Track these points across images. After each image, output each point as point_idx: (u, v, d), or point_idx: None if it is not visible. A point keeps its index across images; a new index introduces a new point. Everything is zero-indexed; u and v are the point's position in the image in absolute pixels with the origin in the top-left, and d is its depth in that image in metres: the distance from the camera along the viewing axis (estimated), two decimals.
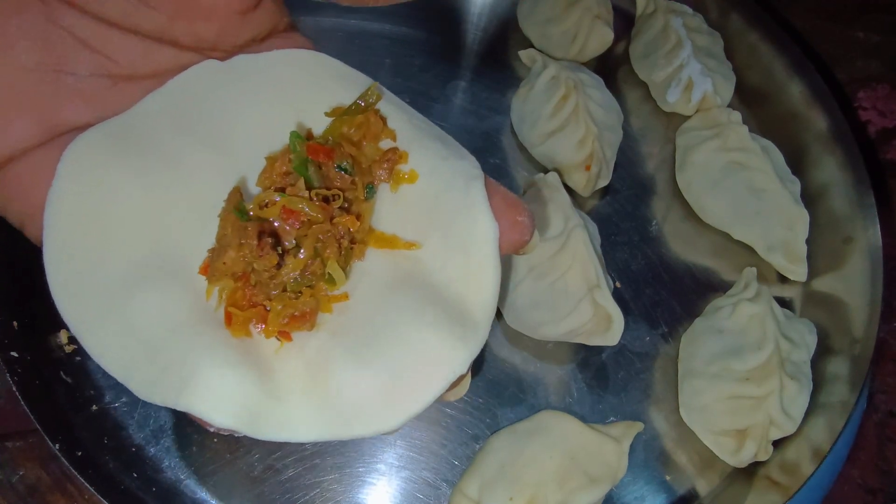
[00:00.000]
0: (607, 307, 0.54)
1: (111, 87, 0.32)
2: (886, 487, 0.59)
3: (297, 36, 0.37)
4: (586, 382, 0.57)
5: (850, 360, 0.55)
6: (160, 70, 0.33)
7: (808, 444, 0.53)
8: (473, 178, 0.32)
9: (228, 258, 0.29)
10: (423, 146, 0.34)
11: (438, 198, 0.32)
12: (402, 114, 0.35)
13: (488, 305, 0.31)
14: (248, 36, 0.34)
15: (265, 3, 0.34)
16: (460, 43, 0.73)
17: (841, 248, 0.61)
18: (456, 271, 0.31)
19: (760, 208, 0.63)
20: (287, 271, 0.30)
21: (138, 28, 0.32)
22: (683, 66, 0.68)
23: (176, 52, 0.33)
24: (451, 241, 0.31)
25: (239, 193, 0.32)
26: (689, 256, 0.64)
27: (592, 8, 0.70)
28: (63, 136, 0.32)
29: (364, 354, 0.29)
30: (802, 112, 0.67)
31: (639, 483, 0.54)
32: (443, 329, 0.29)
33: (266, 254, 0.29)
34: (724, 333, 0.57)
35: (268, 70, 0.34)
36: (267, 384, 0.29)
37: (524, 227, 0.33)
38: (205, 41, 0.33)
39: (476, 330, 0.30)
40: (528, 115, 0.66)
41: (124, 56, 0.32)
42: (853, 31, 0.82)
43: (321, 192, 0.31)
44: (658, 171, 0.68)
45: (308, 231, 0.30)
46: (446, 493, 0.52)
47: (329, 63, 0.36)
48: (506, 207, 0.32)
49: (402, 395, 0.29)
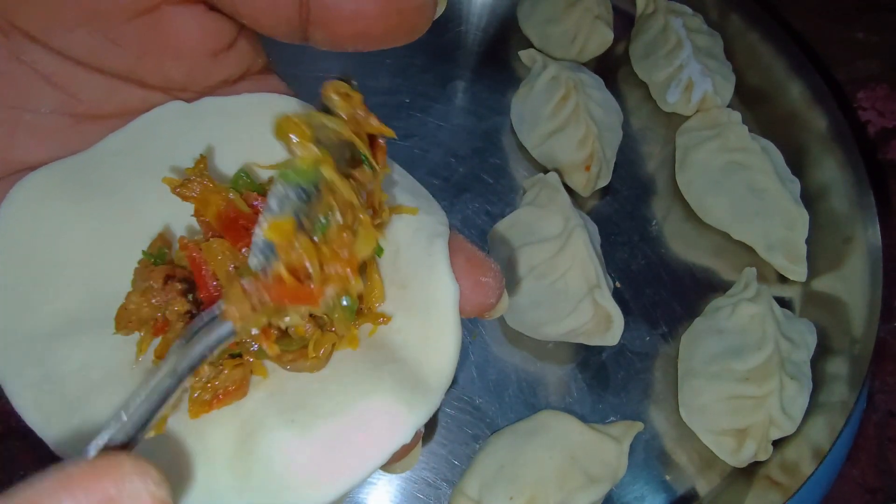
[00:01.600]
0: (607, 307, 0.54)
1: (72, 125, 0.31)
2: (886, 487, 0.59)
3: (272, 78, 0.35)
4: (586, 382, 0.57)
5: (850, 360, 0.55)
6: (126, 110, 0.32)
7: (808, 443, 0.53)
8: (437, 235, 0.30)
9: (132, 301, 0.28)
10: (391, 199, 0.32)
11: (399, 255, 0.30)
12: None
13: (444, 372, 0.28)
14: (220, 77, 0.33)
15: (239, 44, 0.33)
16: (460, 43, 0.73)
17: (841, 248, 0.61)
18: (412, 333, 0.29)
19: (760, 208, 0.63)
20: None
21: (104, 66, 0.30)
22: (683, 66, 0.68)
23: (144, 93, 0.32)
24: (409, 301, 0.29)
25: (162, 239, 0.30)
26: (689, 256, 0.64)
27: (592, 8, 0.70)
28: (15, 175, 0.30)
29: (300, 418, 0.27)
30: (802, 112, 0.67)
31: (639, 483, 0.54)
32: (389, 394, 0.27)
33: (172, 299, 0.28)
34: (724, 333, 0.57)
35: (232, 114, 0.33)
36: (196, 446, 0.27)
37: (488, 289, 0.30)
38: (174, 81, 0.32)
39: (427, 396, 0.28)
40: (528, 115, 0.66)
41: (88, 94, 0.31)
42: (853, 31, 0.82)
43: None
44: (658, 171, 0.68)
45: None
46: (446, 493, 0.52)
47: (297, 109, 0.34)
48: (469, 267, 0.30)
49: (337, 465, 0.26)
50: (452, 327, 0.28)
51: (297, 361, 0.28)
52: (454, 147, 0.67)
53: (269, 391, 0.29)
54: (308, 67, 0.68)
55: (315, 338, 0.28)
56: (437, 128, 0.68)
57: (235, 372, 0.28)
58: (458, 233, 0.31)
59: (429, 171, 0.66)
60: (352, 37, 0.29)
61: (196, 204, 0.29)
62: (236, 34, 0.32)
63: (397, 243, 0.31)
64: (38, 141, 0.31)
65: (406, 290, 0.30)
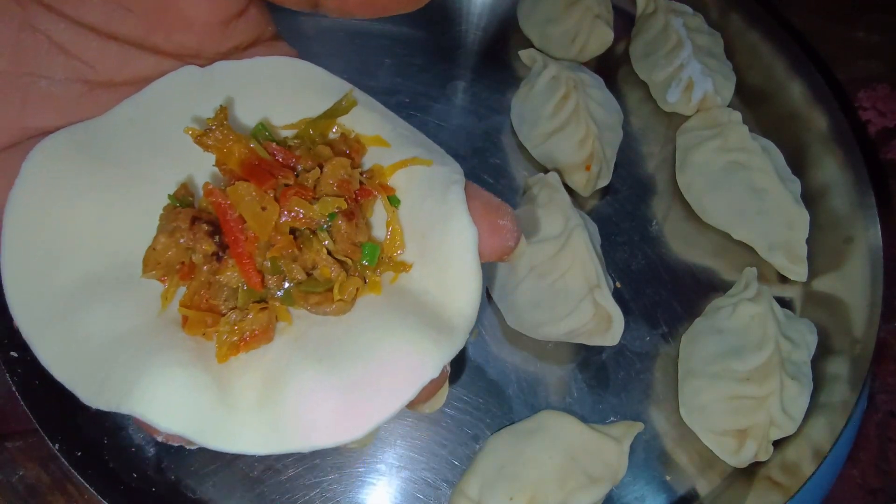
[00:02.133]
0: (607, 307, 0.54)
1: (86, 93, 0.31)
2: (887, 487, 0.59)
3: (282, 45, 0.36)
4: (586, 382, 0.57)
5: (851, 360, 0.55)
6: (139, 77, 0.32)
7: (808, 444, 0.53)
8: (453, 182, 0.30)
9: (158, 243, 0.28)
10: (404, 154, 0.32)
11: (416, 205, 0.31)
12: (386, 122, 0.34)
13: (467, 312, 0.29)
14: (231, 44, 0.34)
15: (249, 13, 0.33)
16: (460, 43, 0.73)
17: (841, 247, 0.61)
18: (433, 279, 0.29)
19: (761, 208, 0.63)
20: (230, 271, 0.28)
21: (118, 33, 0.31)
22: (684, 65, 0.68)
23: (157, 59, 0.32)
24: (429, 248, 0.30)
25: (186, 188, 0.31)
26: (689, 256, 0.64)
27: (592, 8, 0.70)
28: (30, 141, 0.31)
29: (325, 360, 0.28)
30: (803, 112, 0.67)
31: (639, 483, 0.54)
32: (414, 332, 0.28)
33: (199, 240, 0.28)
34: (724, 333, 0.57)
35: (246, 78, 0.33)
36: (222, 390, 0.27)
37: (507, 232, 0.30)
38: (186, 48, 0.32)
39: (452, 334, 0.28)
40: (528, 115, 0.66)
41: (102, 62, 0.31)
42: (853, 31, 0.82)
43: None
44: (658, 171, 0.68)
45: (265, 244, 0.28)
46: (446, 493, 0.52)
47: (310, 71, 0.35)
48: (486, 211, 0.30)
49: (365, 403, 0.27)
50: (473, 268, 0.29)
51: (323, 304, 0.29)
52: (454, 147, 0.67)
53: (293, 336, 0.29)
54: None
55: (340, 280, 0.29)
56: (437, 128, 0.68)
57: (261, 315, 0.29)
58: (472, 182, 0.31)
59: None
60: (360, 3, 0.30)
61: (217, 154, 0.30)
62: (247, 2, 0.33)
63: (414, 194, 0.31)
64: (52, 107, 0.31)
65: (426, 238, 0.30)
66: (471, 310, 0.29)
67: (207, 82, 0.33)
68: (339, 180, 0.30)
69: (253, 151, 0.30)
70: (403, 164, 0.32)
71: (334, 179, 0.30)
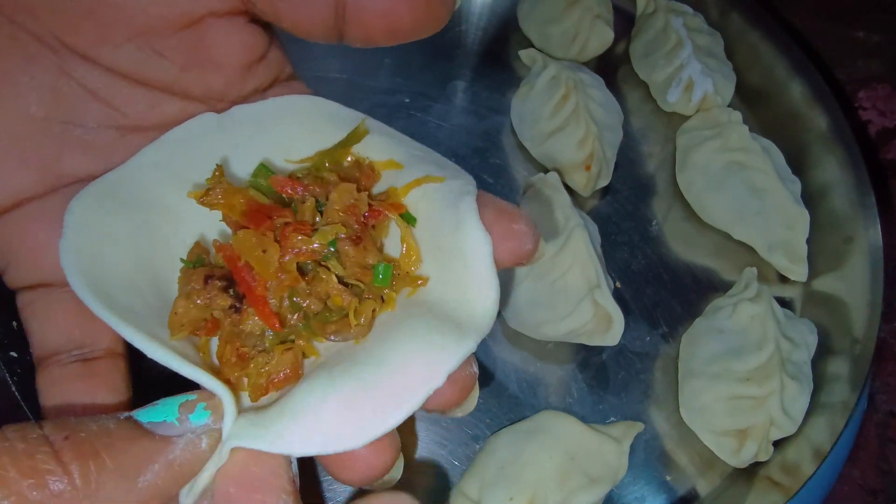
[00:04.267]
0: (607, 307, 0.54)
1: (118, 138, 0.32)
2: (887, 488, 0.59)
3: (297, 83, 0.37)
4: (586, 382, 0.57)
5: (851, 361, 0.55)
6: (166, 121, 0.33)
7: (808, 444, 0.53)
8: (464, 193, 0.31)
9: (179, 307, 0.29)
10: (417, 173, 0.33)
11: (430, 219, 0.31)
12: (398, 145, 0.34)
13: (481, 316, 0.29)
14: (252, 87, 0.34)
15: (271, 54, 0.34)
16: (460, 43, 0.73)
17: (841, 248, 0.61)
18: (450, 288, 0.30)
19: (761, 208, 0.62)
20: (252, 319, 0.29)
21: (149, 79, 0.32)
22: (684, 65, 0.68)
23: (183, 103, 0.33)
24: (445, 259, 0.30)
25: (199, 246, 0.32)
26: (689, 256, 0.64)
27: (592, 8, 0.70)
28: (65, 189, 0.32)
29: (336, 371, 0.28)
30: (803, 112, 0.67)
31: (639, 483, 0.54)
32: (422, 339, 0.28)
33: (214, 296, 0.29)
34: (724, 334, 0.57)
35: (263, 120, 0.34)
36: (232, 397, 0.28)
37: (522, 235, 0.30)
38: (213, 92, 0.33)
39: (462, 339, 0.28)
40: (528, 115, 0.66)
41: (133, 107, 0.32)
42: (853, 31, 0.82)
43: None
44: (658, 171, 0.68)
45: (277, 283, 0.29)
46: (446, 493, 0.52)
47: (323, 105, 0.36)
48: (499, 217, 0.30)
49: (370, 410, 0.27)
50: (489, 276, 0.29)
51: (342, 331, 0.29)
52: (454, 147, 0.67)
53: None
54: (309, 66, 0.68)
55: (353, 306, 0.29)
56: (437, 128, 0.68)
57: (286, 357, 0.29)
58: (484, 191, 0.32)
59: None
60: (384, 32, 0.31)
61: (222, 209, 0.31)
62: (268, 45, 0.34)
63: (428, 208, 0.32)
64: (86, 154, 0.32)
65: (441, 251, 0.31)
66: (488, 316, 0.29)
67: (226, 126, 0.34)
68: (345, 206, 0.31)
69: (251, 199, 0.30)
70: (417, 183, 0.32)
71: (341, 205, 0.31)
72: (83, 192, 0.31)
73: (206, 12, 0.31)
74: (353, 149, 0.34)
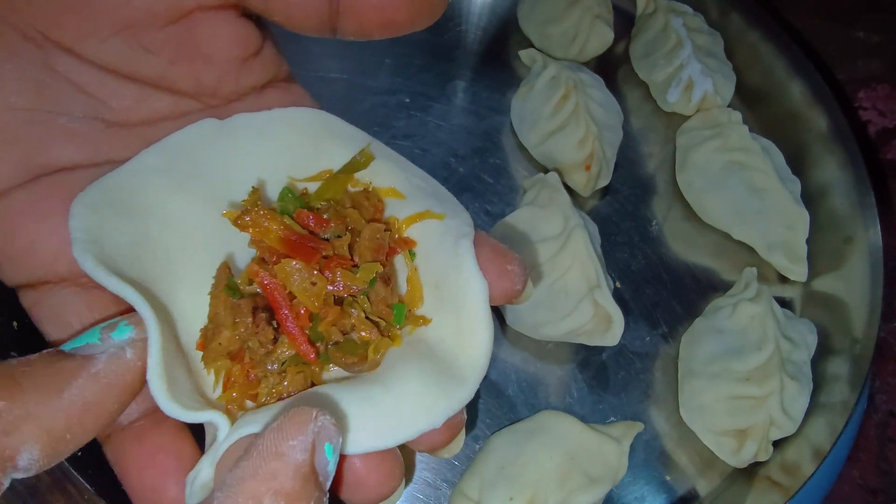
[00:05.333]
0: (607, 307, 0.54)
1: (104, 129, 0.32)
2: (887, 488, 0.59)
3: (296, 88, 0.36)
4: (586, 382, 0.57)
5: (851, 360, 0.55)
6: (156, 117, 0.32)
7: (808, 444, 0.53)
8: (462, 235, 0.31)
9: (224, 338, 0.29)
10: (418, 206, 0.33)
11: (429, 257, 0.32)
12: (400, 172, 0.34)
13: (479, 364, 0.30)
14: (248, 84, 0.34)
15: (266, 51, 0.34)
16: (460, 43, 0.73)
17: (841, 248, 0.61)
18: (448, 330, 0.31)
19: (761, 208, 0.62)
20: (283, 348, 0.29)
21: (136, 73, 0.31)
22: (684, 65, 0.68)
23: (173, 99, 0.32)
24: (443, 300, 0.31)
25: (227, 269, 0.31)
26: (689, 256, 0.64)
27: (592, 8, 0.70)
28: (49, 177, 0.31)
29: (343, 385, 0.29)
30: (803, 112, 0.67)
31: (639, 483, 0.54)
32: (428, 379, 0.29)
33: (262, 330, 0.29)
34: (724, 334, 0.57)
35: (266, 130, 0.34)
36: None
37: (514, 276, 0.32)
38: (204, 87, 0.33)
39: (462, 386, 0.29)
40: (528, 115, 0.66)
41: (120, 101, 0.31)
42: (853, 31, 0.82)
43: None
44: (658, 171, 0.68)
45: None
46: (446, 493, 0.52)
47: (328, 121, 0.35)
48: (494, 258, 0.31)
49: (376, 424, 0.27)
50: (484, 321, 0.30)
51: (359, 364, 0.30)
52: (454, 147, 0.67)
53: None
54: (309, 67, 0.68)
55: (377, 342, 0.30)
56: (437, 128, 0.68)
57: (297, 378, 0.30)
58: (481, 230, 0.33)
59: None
60: (379, 25, 0.30)
61: (254, 234, 0.31)
62: (262, 41, 0.33)
63: (427, 247, 0.32)
64: (71, 144, 0.31)
65: (440, 290, 0.31)
66: (483, 360, 0.30)
67: (227, 133, 0.33)
68: (376, 245, 0.31)
69: (290, 228, 0.30)
70: (419, 217, 0.33)
71: (371, 244, 0.31)
72: (81, 196, 0.31)
73: (195, 6, 0.30)
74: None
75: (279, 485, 0.22)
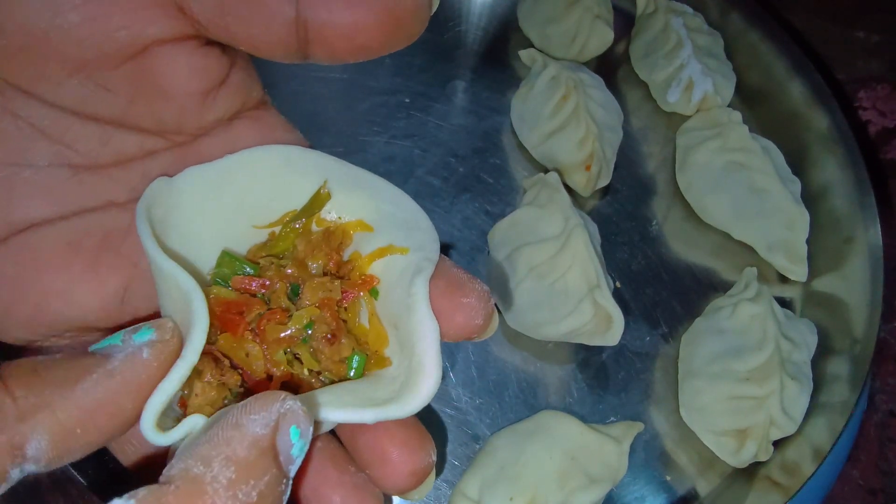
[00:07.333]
0: (607, 307, 0.54)
1: (71, 177, 0.30)
2: (887, 488, 0.59)
3: (268, 114, 0.34)
4: (586, 382, 0.57)
5: (851, 360, 0.55)
6: (124, 158, 0.31)
7: (808, 444, 0.53)
8: (419, 272, 0.29)
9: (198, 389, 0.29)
10: (385, 238, 0.32)
11: (388, 297, 0.31)
12: (369, 200, 0.33)
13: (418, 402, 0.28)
14: (214, 116, 0.32)
15: (231, 79, 0.32)
16: (460, 43, 0.73)
17: (841, 248, 0.61)
18: (402, 370, 0.30)
19: (761, 208, 0.62)
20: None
21: (97, 114, 0.30)
22: (684, 65, 0.68)
23: (139, 138, 0.31)
24: (401, 339, 0.30)
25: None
26: (689, 256, 0.64)
27: (592, 8, 0.70)
28: (20, 235, 0.30)
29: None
30: (803, 112, 0.67)
31: (639, 483, 0.54)
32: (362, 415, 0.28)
33: (227, 374, 0.29)
34: (724, 333, 0.57)
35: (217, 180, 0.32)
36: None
37: (471, 310, 0.29)
38: (166, 125, 0.31)
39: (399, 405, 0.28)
40: (528, 115, 0.66)
41: (84, 144, 0.30)
42: (853, 31, 0.82)
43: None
44: (658, 171, 0.68)
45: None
46: (446, 493, 0.52)
47: (289, 157, 0.33)
48: (449, 291, 0.29)
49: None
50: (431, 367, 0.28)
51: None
52: (454, 147, 0.67)
53: None
54: (309, 68, 0.68)
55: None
56: (437, 128, 0.68)
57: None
58: (446, 258, 0.31)
59: (429, 171, 0.66)
60: (351, 51, 0.29)
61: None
62: (228, 69, 0.31)
63: (388, 284, 0.31)
64: (38, 196, 0.30)
65: (398, 330, 0.30)
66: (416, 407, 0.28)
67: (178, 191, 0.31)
68: (319, 301, 0.30)
69: (219, 298, 0.30)
70: (380, 255, 0.31)
71: (312, 301, 0.30)
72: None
73: (150, 41, 0.28)
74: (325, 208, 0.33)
75: (231, 451, 0.22)
